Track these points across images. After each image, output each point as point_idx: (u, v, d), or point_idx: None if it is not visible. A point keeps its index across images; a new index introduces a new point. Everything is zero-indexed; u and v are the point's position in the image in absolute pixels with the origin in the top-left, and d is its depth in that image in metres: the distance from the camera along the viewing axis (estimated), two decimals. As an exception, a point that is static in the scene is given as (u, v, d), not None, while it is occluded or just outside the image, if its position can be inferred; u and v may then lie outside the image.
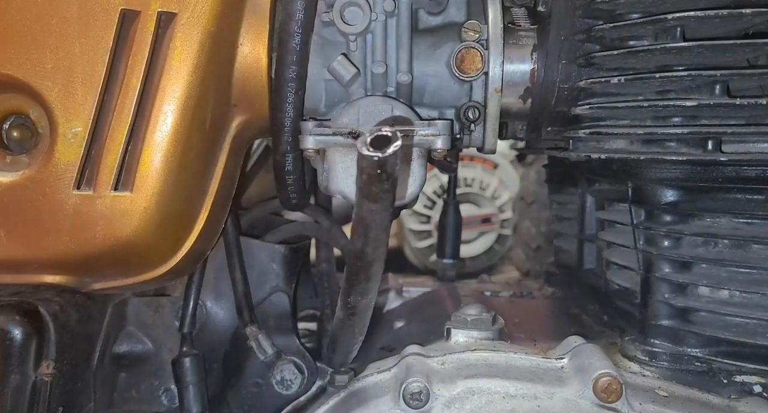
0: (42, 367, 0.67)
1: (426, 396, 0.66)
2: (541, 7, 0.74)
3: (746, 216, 0.72)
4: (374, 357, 0.79)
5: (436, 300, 1.08)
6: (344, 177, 0.70)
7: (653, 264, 0.75)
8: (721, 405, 0.69)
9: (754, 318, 0.70)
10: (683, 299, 0.73)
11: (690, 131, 0.68)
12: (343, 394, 0.74)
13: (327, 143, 0.70)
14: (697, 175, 0.72)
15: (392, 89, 0.74)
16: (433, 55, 0.74)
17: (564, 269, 1.14)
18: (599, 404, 0.65)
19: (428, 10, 0.76)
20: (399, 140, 0.50)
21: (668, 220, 0.74)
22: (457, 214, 1.16)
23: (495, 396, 0.67)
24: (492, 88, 0.73)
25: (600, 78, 0.71)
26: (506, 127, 0.84)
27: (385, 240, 0.59)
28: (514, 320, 0.94)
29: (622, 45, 0.70)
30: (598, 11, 0.70)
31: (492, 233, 2.02)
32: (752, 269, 0.70)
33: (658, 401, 0.68)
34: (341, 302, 0.66)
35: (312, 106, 0.75)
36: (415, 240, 2.00)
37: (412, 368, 0.69)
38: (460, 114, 0.75)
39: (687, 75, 0.66)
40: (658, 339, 0.75)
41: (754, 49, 0.65)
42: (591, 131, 0.73)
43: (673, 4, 0.65)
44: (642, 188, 0.76)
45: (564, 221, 1.11)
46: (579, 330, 0.80)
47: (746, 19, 0.63)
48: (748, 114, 0.67)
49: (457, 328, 0.79)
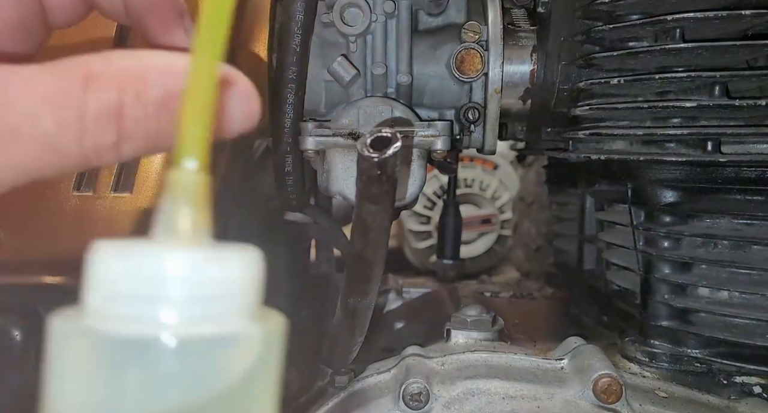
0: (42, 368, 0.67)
1: (426, 397, 0.66)
2: (540, 8, 0.74)
3: (746, 217, 0.72)
4: (374, 357, 0.79)
5: (436, 301, 1.08)
6: (344, 178, 0.70)
7: (653, 265, 0.75)
8: (720, 405, 0.69)
9: (754, 318, 0.70)
10: (683, 300, 0.73)
11: (689, 132, 0.68)
12: (343, 395, 0.74)
13: (327, 144, 0.70)
14: (697, 176, 0.72)
15: (392, 90, 0.74)
16: (433, 56, 0.74)
17: (564, 270, 1.14)
18: (599, 405, 0.65)
19: (428, 11, 0.76)
20: (399, 141, 0.50)
21: (668, 221, 0.74)
22: (457, 215, 1.16)
23: (495, 397, 0.67)
24: (492, 89, 0.73)
25: (600, 79, 0.71)
26: (506, 128, 0.84)
27: (386, 241, 0.59)
28: (514, 321, 0.94)
29: (622, 46, 0.70)
30: (598, 12, 0.70)
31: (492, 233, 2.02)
32: (752, 270, 0.70)
33: (658, 402, 0.68)
34: (341, 303, 0.66)
35: (312, 107, 0.75)
36: (415, 241, 2.00)
37: (411, 369, 0.69)
38: (460, 115, 0.75)
39: (686, 76, 0.66)
40: (658, 340, 0.75)
41: (754, 50, 0.65)
42: (591, 132, 0.73)
43: (673, 5, 0.65)
44: (641, 189, 0.76)
45: (564, 222, 1.11)
46: (579, 331, 0.79)
47: (746, 21, 0.63)
48: (748, 115, 0.67)
49: (456, 329, 0.79)
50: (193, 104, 0.28)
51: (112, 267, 0.27)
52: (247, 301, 0.29)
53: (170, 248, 0.27)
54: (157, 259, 0.27)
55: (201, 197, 0.29)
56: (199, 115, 0.28)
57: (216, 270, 0.27)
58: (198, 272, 0.27)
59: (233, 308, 0.28)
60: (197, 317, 0.27)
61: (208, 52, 0.28)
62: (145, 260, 0.27)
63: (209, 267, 0.27)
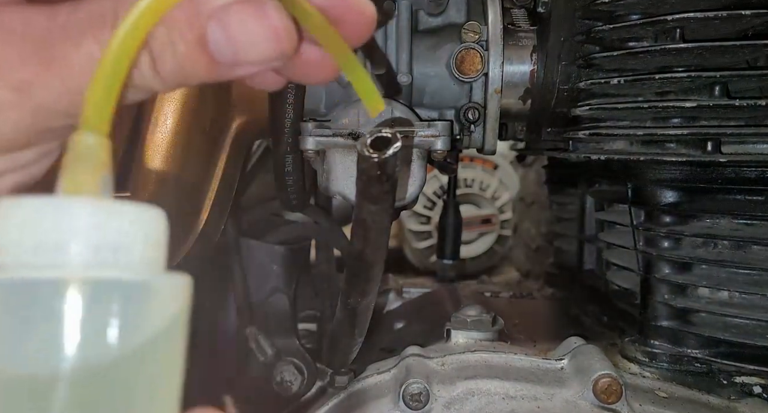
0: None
1: (426, 397, 0.66)
2: (540, 8, 0.74)
3: (746, 217, 0.72)
4: (374, 357, 0.79)
5: (436, 301, 1.08)
6: (344, 178, 0.70)
7: (653, 265, 0.75)
8: (720, 406, 0.69)
9: (753, 318, 0.70)
10: (683, 300, 0.73)
11: (689, 132, 0.68)
12: (343, 395, 0.74)
13: (327, 144, 0.70)
14: (697, 176, 0.72)
15: (392, 90, 0.74)
16: (433, 56, 0.74)
17: (564, 270, 1.14)
18: (599, 405, 0.65)
19: (428, 11, 0.76)
20: (399, 141, 0.50)
21: (668, 221, 0.74)
22: (457, 215, 1.16)
23: (495, 397, 0.67)
24: (492, 89, 0.73)
25: (600, 79, 0.71)
26: (506, 128, 0.84)
27: (386, 242, 0.59)
28: (514, 321, 0.94)
29: (622, 46, 0.70)
30: (598, 12, 0.70)
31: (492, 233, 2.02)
32: (752, 270, 0.70)
33: (658, 402, 0.68)
34: (341, 304, 0.66)
35: (312, 107, 0.75)
36: (415, 241, 2.00)
37: (411, 369, 0.69)
38: (460, 115, 0.75)
39: (687, 76, 0.66)
40: (658, 340, 0.75)
41: (754, 50, 0.65)
42: (591, 132, 0.73)
43: (673, 5, 0.65)
44: (642, 189, 0.76)
45: (564, 222, 1.11)
46: (579, 331, 0.79)
47: (746, 21, 0.63)
48: (748, 115, 0.67)
49: (456, 329, 0.79)
50: (104, 74, 0.29)
51: (15, 219, 0.27)
52: (154, 256, 0.29)
53: (73, 199, 0.28)
54: (59, 208, 0.27)
55: (103, 159, 0.29)
56: (107, 85, 0.29)
57: (118, 221, 0.27)
58: (101, 221, 0.27)
59: (140, 261, 0.28)
60: (104, 264, 0.27)
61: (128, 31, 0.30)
62: (48, 210, 0.27)
63: (112, 218, 0.27)
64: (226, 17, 0.33)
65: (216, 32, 0.33)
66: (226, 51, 0.33)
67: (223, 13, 0.33)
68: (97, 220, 0.27)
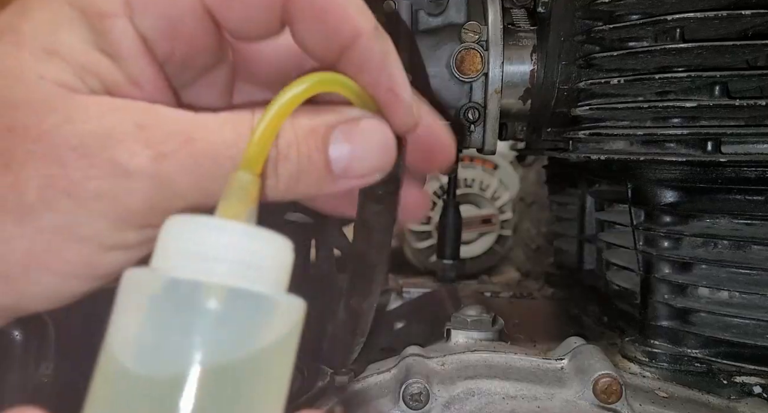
0: (42, 368, 0.67)
1: (426, 397, 0.66)
2: (540, 8, 0.74)
3: (746, 217, 0.72)
4: (374, 357, 0.79)
5: (436, 301, 1.07)
6: (344, 178, 0.70)
7: (653, 265, 0.75)
8: (720, 406, 0.69)
9: (753, 318, 0.70)
10: (683, 300, 0.73)
11: (689, 132, 0.68)
12: (343, 395, 0.74)
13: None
14: (697, 176, 0.72)
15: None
16: (433, 56, 0.74)
17: (564, 270, 1.14)
18: (599, 405, 0.65)
19: (428, 11, 0.76)
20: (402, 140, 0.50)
21: (668, 221, 0.74)
22: (457, 215, 1.16)
23: (495, 397, 0.67)
24: (492, 89, 0.73)
25: (600, 79, 0.71)
26: (506, 128, 0.84)
27: (389, 242, 0.59)
28: (514, 321, 0.94)
29: (622, 46, 0.70)
30: (598, 12, 0.70)
31: (492, 234, 2.01)
32: (752, 270, 0.70)
33: (658, 402, 0.68)
34: (343, 304, 0.66)
35: (312, 107, 0.75)
36: (415, 241, 2.00)
37: (411, 369, 0.69)
38: (460, 115, 0.75)
39: (687, 76, 0.66)
40: (658, 340, 0.75)
41: (754, 50, 0.65)
42: (591, 132, 0.73)
43: (673, 5, 0.65)
44: (642, 189, 0.76)
45: (564, 222, 1.11)
46: (579, 331, 0.79)
47: (746, 21, 0.63)
48: (748, 115, 0.67)
49: (457, 329, 0.79)
50: (265, 125, 0.35)
51: (178, 232, 0.32)
52: (281, 277, 0.34)
53: (226, 222, 0.34)
54: (216, 227, 0.33)
55: (253, 195, 0.35)
56: (266, 135, 0.35)
57: (260, 244, 0.33)
58: (245, 242, 0.33)
59: (270, 279, 0.33)
60: (243, 277, 0.32)
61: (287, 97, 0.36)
62: (207, 228, 0.32)
63: (254, 241, 0.33)
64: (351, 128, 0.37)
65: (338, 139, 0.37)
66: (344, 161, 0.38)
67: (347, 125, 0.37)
68: (242, 241, 0.33)
